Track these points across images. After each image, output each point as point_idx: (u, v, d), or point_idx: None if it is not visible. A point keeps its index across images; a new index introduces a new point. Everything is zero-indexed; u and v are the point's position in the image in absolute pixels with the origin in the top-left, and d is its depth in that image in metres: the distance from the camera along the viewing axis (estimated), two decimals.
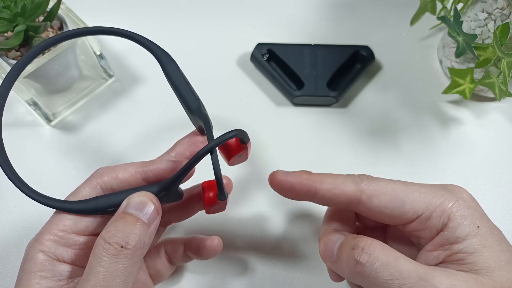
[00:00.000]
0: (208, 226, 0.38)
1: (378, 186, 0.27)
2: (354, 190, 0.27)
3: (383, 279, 0.24)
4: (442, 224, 0.26)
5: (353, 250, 0.25)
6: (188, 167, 0.26)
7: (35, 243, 0.26)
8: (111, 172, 0.28)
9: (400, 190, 0.26)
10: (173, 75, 0.29)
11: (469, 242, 0.25)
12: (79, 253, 0.27)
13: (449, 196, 0.26)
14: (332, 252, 0.27)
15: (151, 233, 0.25)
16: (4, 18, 0.36)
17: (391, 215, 0.26)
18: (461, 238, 0.25)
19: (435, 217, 0.26)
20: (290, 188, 0.28)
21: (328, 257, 0.28)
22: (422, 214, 0.26)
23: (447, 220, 0.25)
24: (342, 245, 0.27)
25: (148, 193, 0.26)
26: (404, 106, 0.45)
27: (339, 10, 0.51)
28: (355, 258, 0.25)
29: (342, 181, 0.27)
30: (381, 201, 0.26)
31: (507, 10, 0.37)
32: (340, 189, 0.27)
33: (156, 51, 0.29)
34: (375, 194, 0.26)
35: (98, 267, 0.23)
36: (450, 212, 0.25)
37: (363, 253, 0.25)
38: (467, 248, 0.25)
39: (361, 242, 0.25)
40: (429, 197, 0.26)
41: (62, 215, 0.27)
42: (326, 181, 0.27)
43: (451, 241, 0.25)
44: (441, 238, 0.26)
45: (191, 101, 0.28)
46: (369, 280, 0.25)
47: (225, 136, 0.25)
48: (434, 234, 0.26)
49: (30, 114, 0.43)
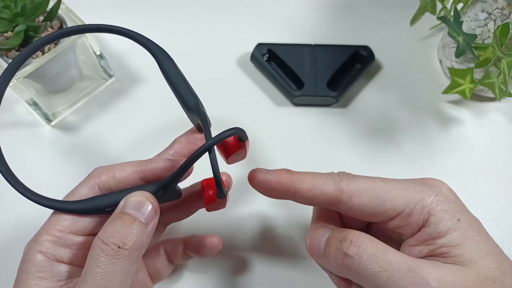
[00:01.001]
0: (208, 224, 0.38)
1: (358, 185, 0.26)
2: (334, 190, 0.26)
3: (371, 271, 0.24)
4: (423, 220, 0.26)
5: (341, 243, 0.25)
6: (186, 166, 0.26)
7: (33, 243, 0.26)
8: (109, 171, 0.28)
9: (380, 188, 0.26)
10: (170, 72, 0.28)
11: (451, 236, 0.25)
12: (77, 253, 0.27)
13: (428, 191, 0.26)
14: (319, 246, 0.27)
15: (149, 233, 0.25)
16: (4, 18, 0.36)
17: (371, 213, 0.26)
18: (443, 233, 0.25)
19: (416, 214, 0.26)
20: (269, 188, 0.28)
21: (315, 251, 0.27)
22: (403, 211, 0.26)
23: (428, 216, 0.25)
24: (330, 238, 0.27)
25: (146, 193, 0.26)
26: (404, 106, 0.45)
27: (339, 10, 0.51)
28: (344, 251, 0.25)
29: (322, 181, 0.27)
30: (361, 200, 0.26)
31: (507, 10, 0.37)
32: (320, 189, 0.27)
33: (152, 48, 0.29)
34: (355, 194, 0.26)
35: (95, 268, 0.23)
36: (430, 207, 0.25)
37: (351, 245, 0.25)
38: (450, 242, 0.25)
39: (349, 235, 0.25)
40: (408, 193, 0.26)
41: (60, 215, 0.27)
42: (305, 181, 0.27)
43: (433, 236, 0.25)
44: (423, 233, 0.26)
45: (189, 99, 0.28)
46: (357, 272, 0.25)
47: (223, 134, 0.25)
48: (416, 230, 0.26)
49: (30, 114, 0.43)
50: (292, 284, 0.36)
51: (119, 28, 0.29)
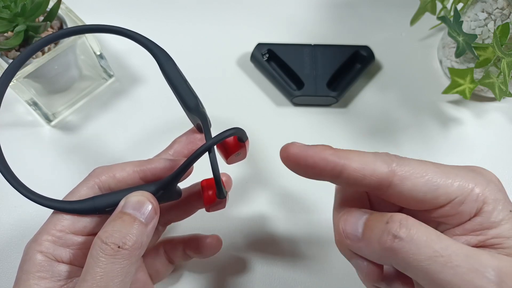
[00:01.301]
0: (207, 224, 0.38)
1: (409, 167, 0.24)
2: (386, 171, 0.24)
3: (425, 255, 0.22)
4: (476, 209, 0.24)
5: (388, 224, 0.23)
6: (185, 166, 0.26)
7: (33, 243, 0.26)
8: (109, 171, 0.28)
9: (432, 172, 0.24)
10: (171, 73, 0.28)
11: (505, 227, 0.23)
12: (77, 253, 0.27)
13: (480, 179, 0.24)
14: (356, 229, 0.25)
15: (148, 232, 0.25)
16: (4, 18, 0.36)
17: (422, 199, 0.24)
18: (496, 223, 0.23)
19: (469, 202, 0.23)
20: (311, 165, 0.25)
21: (350, 235, 0.25)
22: (455, 198, 0.24)
23: (482, 205, 0.23)
24: (370, 220, 0.24)
25: (146, 193, 0.26)
26: (404, 106, 0.45)
27: (339, 10, 0.51)
28: (392, 233, 0.22)
29: (372, 160, 0.24)
30: (414, 184, 0.23)
31: (507, 10, 0.37)
32: (371, 168, 0.24)
33: (153, 49, 0.29)
34: (408, 177, 0.23)
35: (95, 268, 0.23)
36: (484, 196, 0.23)
37: (401, 226, 0.22)
38: (503, 233, 0.23)
39: (396, 216, 0.23)
40: (461, 180, 0.24)
41: (60, 215, 0.27)
42: (354, 159, 0.24)
43: (485, 226, 0.23)
44: (473, 223, 0.24)
45: (189, 99, 0.28)
46: (406, 257, 0.22)
47: (223, 134, 0.25)
48: (465, 219, 0.24)
49: (30, 114, 0.43)
50: (292, 284, 0.36)
51: (120, 28, 0.29)
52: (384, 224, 0.23)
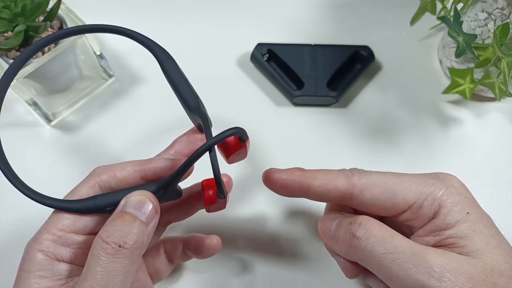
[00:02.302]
0: (207, 225, 0.38)
1: (369, 179, 0.27)
2: (346, 185, 0.27)
3: (377, 252, 0.25)
4: (433, 212, 0.26)
5: (350, 225, 0.26)
6: (186, 166, 0.26)
7: (34, 242, 0.26)
8: (109, 171, 0.28)
9: (391, 181, 0.27)
10: (172, 73, 0.28)
11: (459, 228, 0.25)
12: (77, 252, 0.27)
13: (439, 184, 0.27)
14: (329, 229, 0.28)
15: (149, 232, 0.25)
16: (4, 18, 0.36)
17: (383, 206, 0.27)
18: (451, 224, 0.26)
19: (426, 206, 0.26)
20: (284, 186, 0.28)
21: (325, 234, 0.28)
22: (414, 203, 0.26)
23: (438, 208, 0.26)
24: (340, 221, 0.28)
25: (147, 192, 0.26)
26: (404, 106, 0.45)
27: (339, 10, 0.51)
28: (352, 232, 0.26)
29: (334, 176, 0.28)
30: (373, 194, 0.27)
31: (507, 10, 0.37)
32: (332, 184, 0.27)
33: (154, 49, 0.29)
34: (367, 187, 0.27)
35: (96, 267, 0.23)
36: (440, 199, 0.26)
37: (360, 227, 0.26)
38: (457, 233, 0.25)
39: (359, 218, 0.26)
40: (419, 186, 0.27)
41: (60, 214, 0.27)
42: (318, 177, 0.28)
43: (441, 227, 0.26)
44: (432, 224, 0.26)
45: (190, 99, 0.28)
46: (363, 254, 0.25)
47: (223, 134, 0.25)
48: (426, 222, 0.26)
49: (30, 114, 0.43)
50: (292, 284, 0.36)
51: (121, 28, 0.29)
52: (348, 225, 0.27)
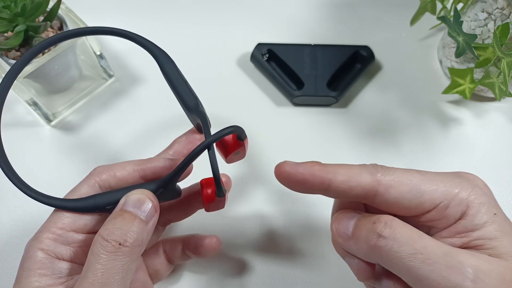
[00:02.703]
0: (207, 224, 0.38)
1: (394, 176, 0.25)
2: (371, 182, 0.25)
3: (405, 253, 0.23)
4: (461, 213, 0.25)
5: (374, 224, 0.25)
6: (185, 164, 0.26)
7: (34, 241, 0.26)
8: (109, 170, 0.28)
9: (417, 179, 0.25)
10: (171, 73, 0.29)
11: (488, 229, 0.24)
12: (78, 250, 0.27)
13: (465, 183, 0.25)
14: (347, 228, 0.26)
15: (149, 230, 0.26)
16: (4, 18, 0.36)
17: (408, 206, 0.25)
18: (479, 225, 0.24)
19: (454, 206, 0.25)
20: (301, 181, 0.26)
21: (342, 234, 0.27)
22: (440, 203, 0.25)
23: (466, 208, 0.25)
24: (360, 221, 0.26)
25: (146, 191, 0.26)
26: (404, 106, 0.45)
27: (339, 10, 0.51)
28: (377, 232, 0.24)
29: (357, 172, 0.26)
30: (399, 192, 0.25)
31: (507, 10, 0.37)
32: (356, 180, 0.25)
33: (153, 50, 0.29)
34: (392, 185, 0.25)
35: (96, 264, 0.23)
36: (468, 200, 0.25)
37: (386, 227, 0.24)
38: (486, 235, 0.24)
39: (383, 217, 0.25)
40: (446, 185, 0.25)
41: (60, 213, 0.27)
42: (340, 172, 0.26)
43: (469, 228, 0.25)
44: (458, 226, 0.25)
45: (189, 99, 0.28)
46: (390, 255, 0.24)
47: (222, 132, 0.25)
48: (451, 223, 0.25)
49: (30, 114, 0.43)
50: (292, 284, 0.36)
51: (120, 30, 0.29)
52: (371, 224, 0.25)
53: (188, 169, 0.28)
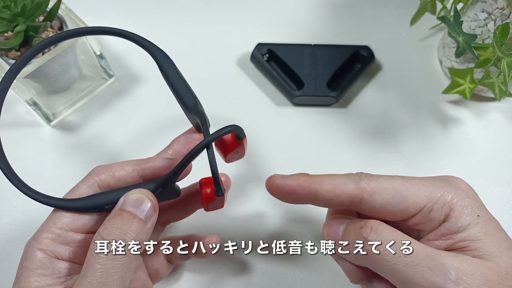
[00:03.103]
0: (207, 224, 0.38)
1: (378, 183, 0.26)
2: (355, 189, 0.26)
3: (390, 256, 0.24)
4: (444, 215, 0.26)
5: (361, 229, 0.26)
6: (184, 163, 0.26)
7: (34, 241, 0.26)
8: (108, 170, 0.28)
9: (400, 185, 0.26)
10: (170, 73, 0.29)
11: (471, 231, 0.25)
12: (77, 250, 0.27)
13: (448, 187, 0.26)
14: (337, 233, 0.28)
15: (148, 230, 0.26)
16: (4, 18, 0.36)
17: (393, 211, 0.26)
18: (463, 227, 0.25)
19: (437, 209, 0.26)
20: (290, 192, 0.28)
21: (332, 238, 0.28)
22: (424, 207, 0.26)
23: (449, 211, 0.26)
24: (349, 225, 0.27)
25: (145, 190, 0.26)
26: (404, 106, 0.45)
27: (339, 10, 0.51)
28: (363, 236, 0.25)
29: (342, 181, 0.27)
30: (383, 198, 0.26)
31: (507, 10, 0.36)
32: (341, 189, 0.27)
33: (152, 49, 0.29)
34: (376, 192, 0.26)
35: (95, 264, 0.23)
36: (451, 203, 0.26)
37: (371, 231, 0.25)
38: (469, 236, 0.25)
39: (369, 222, 0.26)
40: (429, 189, 0.26)
41: (59, 213, 0.27)
42: (325, 182, 0.27)
43: (453, 230, 0.25)
44: (443, 228, 0.26)
45: (188, 98, 0.28)
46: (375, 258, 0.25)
47: (220, 131, 0.26)
48: (436, 225, 0.26)
49: (30, 114, 0.43)
50: (292, 284, 0.36)
51: (120, 30, 0.29)
52: (358, 229, 0.26)
53: (187, 168, 0.28)
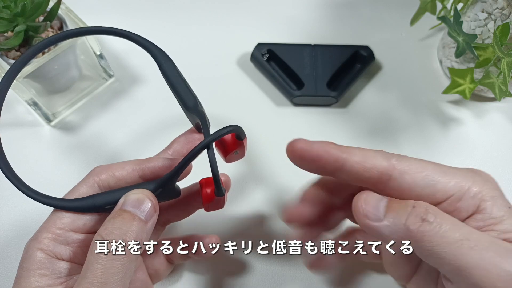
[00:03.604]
0: (206, 224, 0.38)
1: (409, 163, 0.25)
2: (386, 165, 0.25)
3: (453, 238, 0.22)
4: (473, 207, 0.24)
5: (415, 208, 0.24)
6: (184, 163, 0.26)
7: (34, 241, 0.26)
8: (108, 170, 0.28)
9: (431, 169, 0.25)
10: (170, 73, 0.29)
11: (508, 222, 0.24)
12: (77, 250, 0.27)
13: (478, 178, 0.25)
14: (377, 209, 0.25)
15: (148, 230, 0.26)
16: (4, 18, 0.36)
17: (421, 193, 0.25)
18: (498, 219, 0.24)
19: (467, 199, 0.24)
20: (315, 158, 0.26)
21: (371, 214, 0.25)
22: (453, 195, 0.25)
23: (479, 202, 0.24)
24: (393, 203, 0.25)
25: (145, 190, 0.26)
26: (404, 106, 0.45)
27: (339, 10, 0.51)
28: (421, 216, 0.23)
29: (373, 154, 0.25)
30: (413, 178, 0.25)
31: (507, 10, 0.37)
32: (371, 162, 0.25)
33: (152, 50, 0.29)
34: (407, 171, 0.25)
35: (95, 264, 0.23)
36: (482, 194, 0.25)
37: (428, 212, 0.23)
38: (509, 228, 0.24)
39: (422, 202, 0.24)
40: (459, 178, 0.25)
41: (60, 213, 0.27)
42: (355, 153, 0.25)
43: (488, 222, 0.24)
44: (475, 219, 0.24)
45: (188, 98, 0.28)
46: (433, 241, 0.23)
47: (221, 131, 0.26)
48: (463, 216, 0.25)
49: (30, 114, 0.43)
50: (292, 284, 0.36)
51: (120, 30, 0.29)
52: (410, 208, 0.24)
53: (188, 168, 0.28)
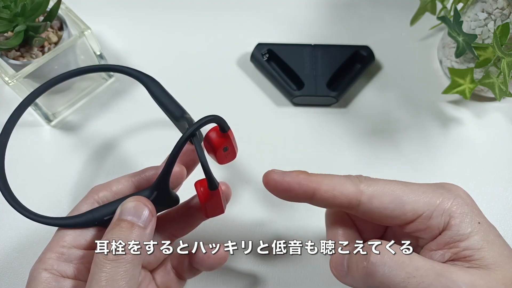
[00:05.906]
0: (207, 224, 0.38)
1: (377, 187, 0.26)
2: (354, 191, 0.26)
3: (399, 278, 0.23)
4: (444, 223, 0.25)
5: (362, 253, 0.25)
6: (172, 158, 0.26)
7: (38, 263, 0.26)
8: (106, 187, 0.29)
9: (399, 190, 0.26)
10: (157, 93, 0.30)
11: (474, 239, 0.25)
12: (80, 267, 0.27)
13: (447, 194, 0.26)
14: (342, 265, 0.27)
15: (148, 235, 0.26)
16: (4, 18, 0.36)
17: (391, 216, 0.26)
18: (465, 235, 0.25)
19: (436, 216, 0.25)
20: (287, 189, 0.27)
21: (340, 272, 0.27)
22: (423, 213, 0.26)
23: (449, 219, 0.25)
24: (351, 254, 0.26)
25: (140, 197, 0.27)
26: (404, 106, 0.45)
27: (339, 10, 0.51)
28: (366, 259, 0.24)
29: (341, 182, 0.26)
30: (381, 202, 0.26)
31: (507, 10, 0.37)
32: (339, 190, 0.26)
33: (140, 77, 0.31)
34: (375, 195, 0.26)
35: (100, 273, 0.24)
36: (450, 210, 0.25)
37: (372, 253, 0.24)
38: (473, 245, 0.24)
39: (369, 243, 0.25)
40: (428, 196, 0.26)
41: (62, 232, 0.27)
42: (324, 182, 0.26)
43: (455, 239, 0.25)
44: (445, 236, 0.25)
45: (176, 109, 0.30)
46: (383, 281, 0.24)
47: (201, 120, 0.26)
48: (435, 233, 0.26)
49: (30, 114, 0.43)
50: (292, 284, 0.36)
51: (112, 66, 0.32)
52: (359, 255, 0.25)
53: (181, 173, 0.29)
